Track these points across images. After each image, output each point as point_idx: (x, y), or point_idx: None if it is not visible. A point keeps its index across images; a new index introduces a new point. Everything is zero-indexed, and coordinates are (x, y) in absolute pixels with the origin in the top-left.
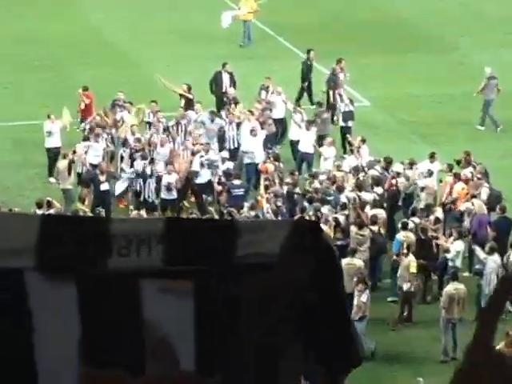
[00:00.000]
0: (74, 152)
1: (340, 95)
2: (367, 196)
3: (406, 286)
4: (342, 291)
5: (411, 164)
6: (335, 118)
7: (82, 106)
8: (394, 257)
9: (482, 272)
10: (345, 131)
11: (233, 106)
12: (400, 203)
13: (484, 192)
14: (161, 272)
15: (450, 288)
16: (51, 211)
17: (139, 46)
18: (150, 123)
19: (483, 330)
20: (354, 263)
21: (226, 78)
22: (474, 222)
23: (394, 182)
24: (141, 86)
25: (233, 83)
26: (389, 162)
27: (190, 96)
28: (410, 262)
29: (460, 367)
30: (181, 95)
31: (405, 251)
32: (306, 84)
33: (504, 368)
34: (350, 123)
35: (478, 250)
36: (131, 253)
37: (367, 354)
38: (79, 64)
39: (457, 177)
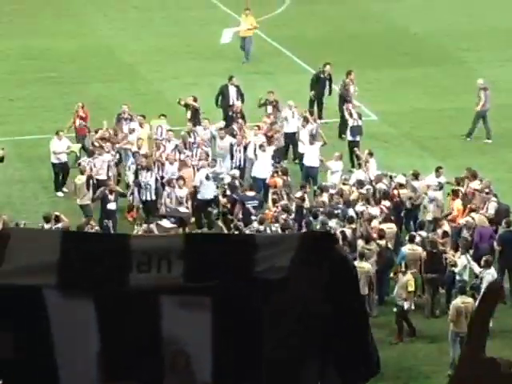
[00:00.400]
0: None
1: (348, 109)
2: (373, 210)
3: (406, 305)
4: (359, 301)
5: (416, 175)
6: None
7: (77, 123)
8: (392, 275)
9: (478, 286)
10: (353, 145)
11: (241, 121)
12: (402, 214)
13: (492, 206)
14: (181, 288)
15: (458, 301)
16: (59, 225)
17: (148, 62)
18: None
19: (470, 345)
20: (362, 266)
21: (232, 91)
22: (475, 234)
23: (396, 193)
24: (150, 101)
25: (240, 96)
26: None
27: (197, 105)
28: (408, 281)
29: (449, 381)
30: (187, 106)
31: (403, 269)
32: (313, 94)
33: (499, 377)
34: (358, 138)
35: (473, 264)
36: (152, 269)
37: None
38: (89, 79)
39: (455, 194)
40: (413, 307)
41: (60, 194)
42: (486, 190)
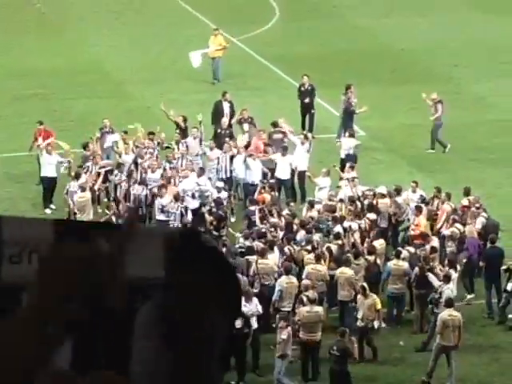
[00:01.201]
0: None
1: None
2: (355, 224)
3: (376, 324)
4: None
5: (398, 191)
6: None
7: (40, 142)
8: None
9: (437, 300)
10: (344, 163)
11: (227, 139)
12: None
13: (479, 221)
14: None
15: (445, 314)
16: None
17: (136, 78)
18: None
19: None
20: (345, 272)
21: (226, 106)
22: (468, 245)
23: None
24: (138, 118)
25: (232, 112)
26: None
27: (183, 125)
28: (375, 301)
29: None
30: (177, 124)
31: (360, 293)
32: (300, 109)
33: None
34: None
35: (431, 277)
36: (23, 260)
37: None
38: (76, 96)
39: (419, 210)
40: (383, 325)
41: (48, 211)
42: (477, 205)
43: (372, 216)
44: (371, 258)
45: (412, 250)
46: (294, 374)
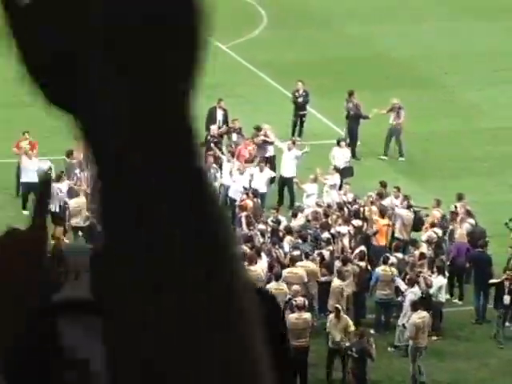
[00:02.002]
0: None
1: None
2: (344, 229)
3: (348, 343)
4: None
5: (380, 195)
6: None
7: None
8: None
9: (401, 304)
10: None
11: (213, 146)
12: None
13: (465, 228)
14: None
15: (415, 318)
16: None
17: None
18: None
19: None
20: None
21: (219, 114)
22: (453, 248)
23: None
24: None
25: (226, 120)
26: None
27: None
28: (348, 323)
29: None
30: None
31: (333, 314)
32: (293, 117)
33: None
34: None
35: (398, 281)
36: None
37: None
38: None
39: (382, 212)
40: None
41: (26, 212)
42: (463, 210)
43: (358, 222)
44: (362, 264)
45: (400, 255)
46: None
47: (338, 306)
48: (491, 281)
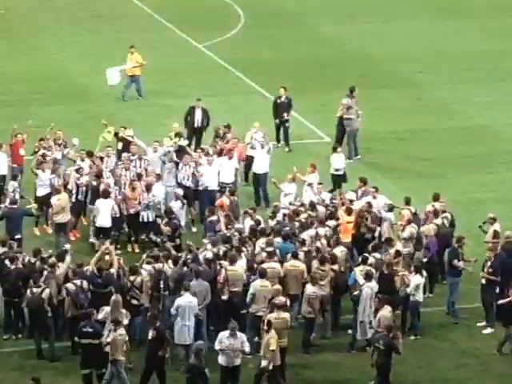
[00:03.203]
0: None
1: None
2: (322, 230)
3: (264, 363)
4: None
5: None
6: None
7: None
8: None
9: (358, 298)
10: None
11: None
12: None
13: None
14: None
15: (385, 312)
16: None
17: (101, 84)
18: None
19: None
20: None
21: (198, 113)
22: (429, 245)
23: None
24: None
25: (206, 118)
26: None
27: (130, 139)
28: (270, 339)
29: None
30: (121, 139)
31: (265, 327)
32: (277, 121)
33: None
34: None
35: (358, 275)
36: None
37: None
38: (41, 102)
39: (348, 211)
40: (270, 367)
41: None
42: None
43: (332, 223)
44: (335, 267)
45: (378, 255)
46: (262, 380)
47: (270, 319)
48: (500, 301)
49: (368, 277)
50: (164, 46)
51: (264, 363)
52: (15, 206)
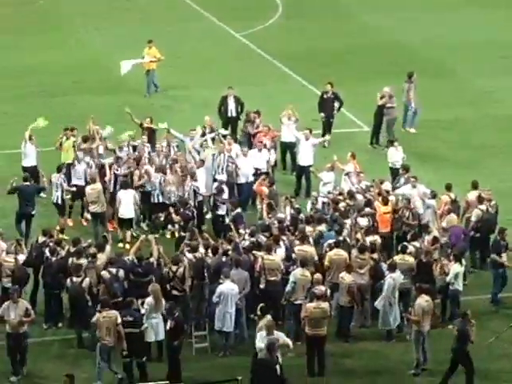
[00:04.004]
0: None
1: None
2: (363, 221)
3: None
4: None
5: (381, 182)
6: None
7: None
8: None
9: (381, 288)
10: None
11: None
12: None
13: (475, 214)
14: None
15: (422, 301)
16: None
17: (136, 74)
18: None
19: None
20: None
21: (231, 102)
22: (452, 234)
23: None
24: (139, 114)
25: (240, 106)
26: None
27: (154, 127)
28: (269, 324)
29: None
30: (143, 127)
31: (258, 313)
32: (322, 116)
33: None
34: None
35: (384, 266)
36: None
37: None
38: (77, 92)
39: (384, 201)
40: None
41: (43, 194)
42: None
43: (370, 211)
44: (375, 255)
45: (418, 244)
46: (300, 370)
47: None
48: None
49: (391, 267)
50: (201, 35)
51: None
52: (27, 183)
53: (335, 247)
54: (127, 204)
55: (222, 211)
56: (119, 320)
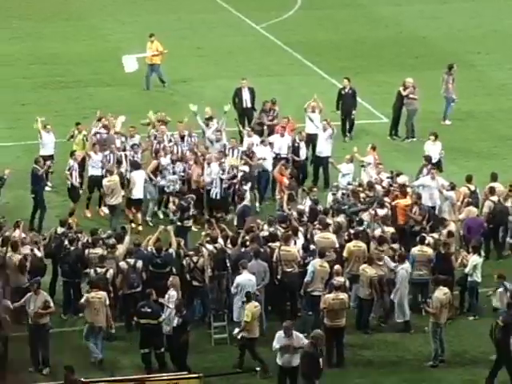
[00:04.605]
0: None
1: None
2: (381, 211)
3: (236, 331)
4: None
5: (398, 175)
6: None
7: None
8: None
9: (393, 281)
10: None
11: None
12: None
13: (487, 205)
14: None
15: (440, 293)
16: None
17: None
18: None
19: None
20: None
21: (245, 93)
22: (464, 227)
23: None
24: (160, 105)
25: (252, 98)
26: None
27: (168, 119)
28: (247, 311)
29: None
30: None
31: (245, 299)
32: (340, 112)
33: None
34: None
35: (387, 259)
36: None
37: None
38: (99, 83)
39: (403, 194)
40: (239, 336)
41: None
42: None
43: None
44: (396, 245)
45: (436, 236)
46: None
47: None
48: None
49: (401, 258)
50: (221, 26)
51: (235, 331)
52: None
53: (354, 239)
54: (139, 185)
55: (246, 201)
56: (107, 301)
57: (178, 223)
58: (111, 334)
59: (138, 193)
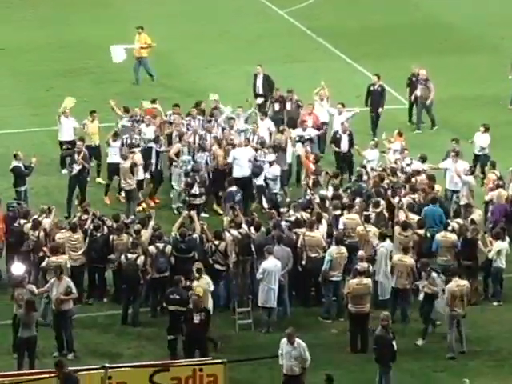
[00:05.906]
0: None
1: None
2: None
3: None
4: None
5: (423, 159)
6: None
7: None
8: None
9: (373, 259)
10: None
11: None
12: None
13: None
14: None
15: (453, 285)
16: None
17: (184, 49)
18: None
19: None
20: (405, 260)
21: (259, 79)
22: (494, 210)
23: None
24: (183, 90)
25: (269, 85)
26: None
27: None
28: (197, 288)
29: None
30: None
31: (197, 275)
32: (370, 109)
33: None
34: None
35: (371, 236)
36: None
37: None
38: (124, 69)
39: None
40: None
41: (64, 171)
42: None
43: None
44: (421, 231)
45: (461, 221)
46: (343, 346)
47: (199, 265)
48: None
49: (382, 237)
50: (245, 12)
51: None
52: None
53: (365, 221)
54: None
55: (275, 188)
56: (69, 264)
57: (186, 198)
58: (136, 319)
59: (141, 174)
